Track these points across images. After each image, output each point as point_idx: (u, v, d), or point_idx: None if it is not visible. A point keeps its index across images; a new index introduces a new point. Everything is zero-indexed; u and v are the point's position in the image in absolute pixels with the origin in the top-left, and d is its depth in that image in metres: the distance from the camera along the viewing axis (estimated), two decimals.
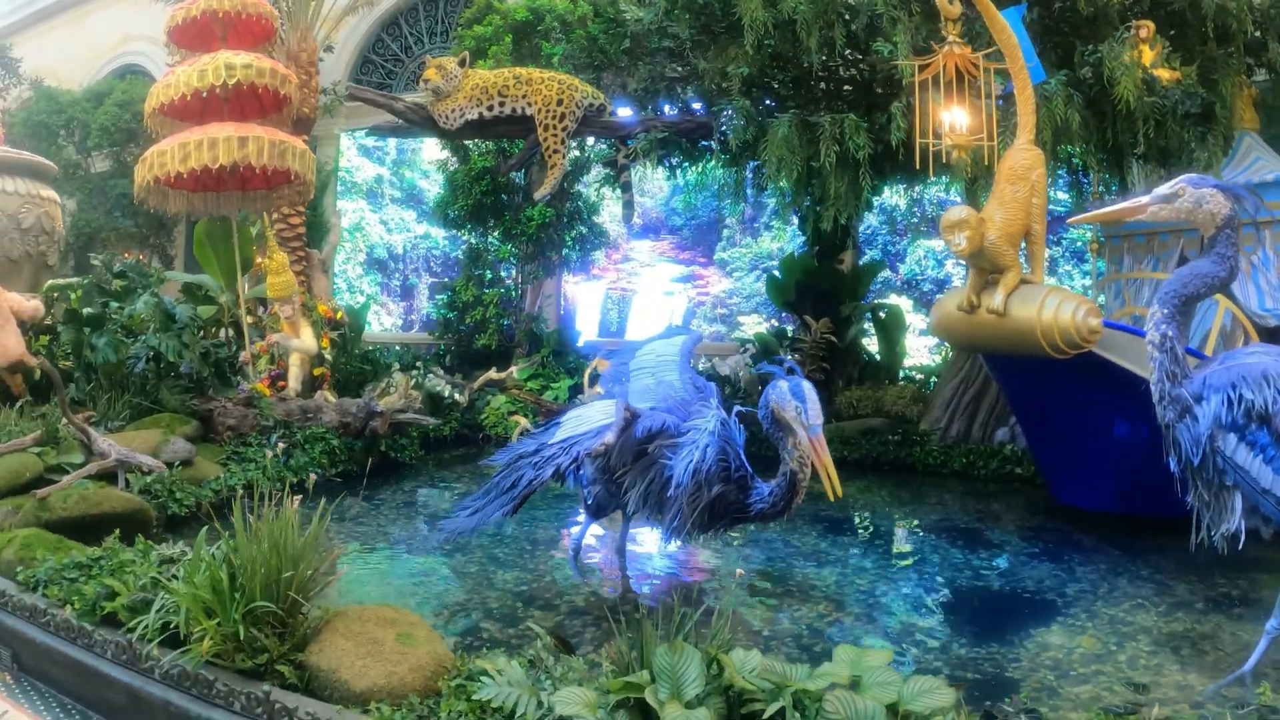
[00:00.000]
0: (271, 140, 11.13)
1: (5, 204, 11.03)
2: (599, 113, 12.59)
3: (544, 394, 13.99)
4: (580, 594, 7.16)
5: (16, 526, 7.27)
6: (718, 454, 6.55)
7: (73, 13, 26.15)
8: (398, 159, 21.60)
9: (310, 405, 11.27)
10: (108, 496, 7.74)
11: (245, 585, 4.95)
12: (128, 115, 18.82)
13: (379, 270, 21.73)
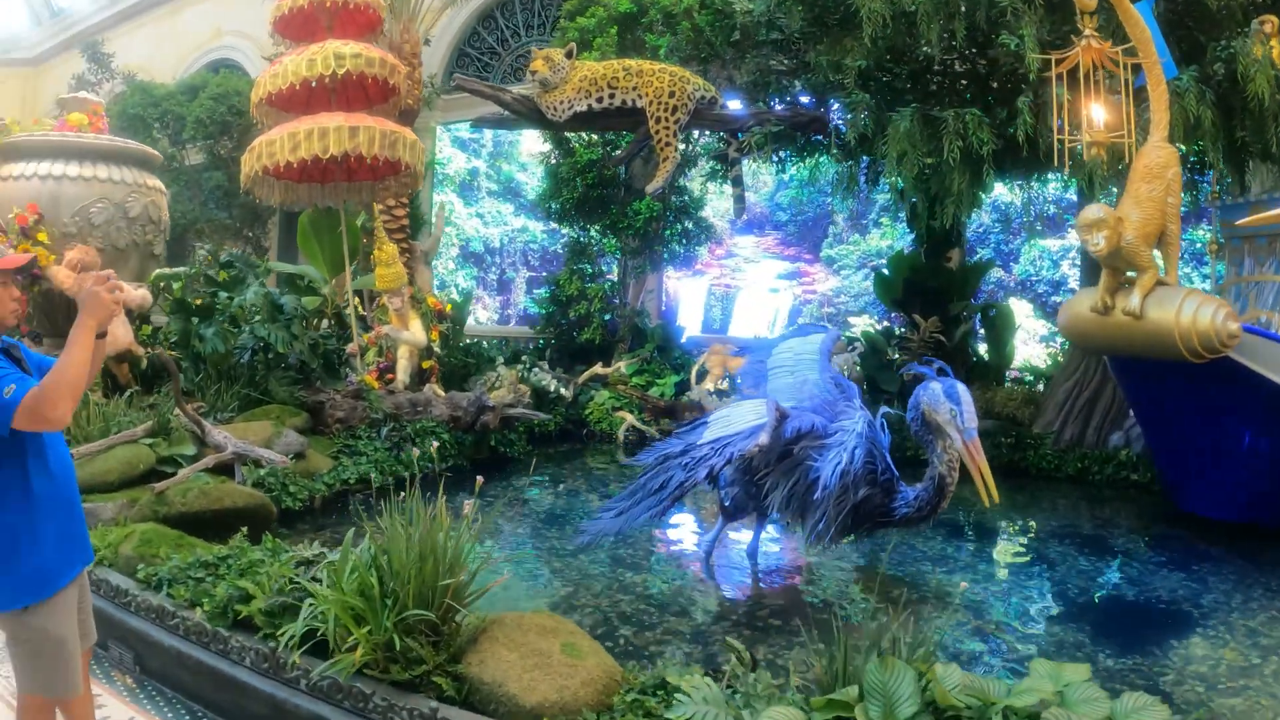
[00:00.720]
0: (382, 130, 10.85)
1: (112, 192, 10.83)
2: (710, 105, 12.18)
3: (649, 390, 13.64)
4: (714, 598, 6.93)
5: (133, 520, 7.02)
6: (865, 456, 6.31)
7: (164, 8, 26.13)
8: (494, 151, 21.33)
9: (420, 398, 10.99)
10: (229, 491, 7.47)
11: (397, 591, 4.64)
12: (223, 108, 18.73)
13: (475, 264, 21.48)
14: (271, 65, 11.40)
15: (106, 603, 5.95)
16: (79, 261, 10.03)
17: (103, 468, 7.68)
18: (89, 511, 7.05)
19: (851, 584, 7.17)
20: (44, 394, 3.30)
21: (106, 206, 10.83)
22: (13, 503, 3.58)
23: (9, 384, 3.32)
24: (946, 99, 10.89)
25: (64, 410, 3.34)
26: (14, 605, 3.59)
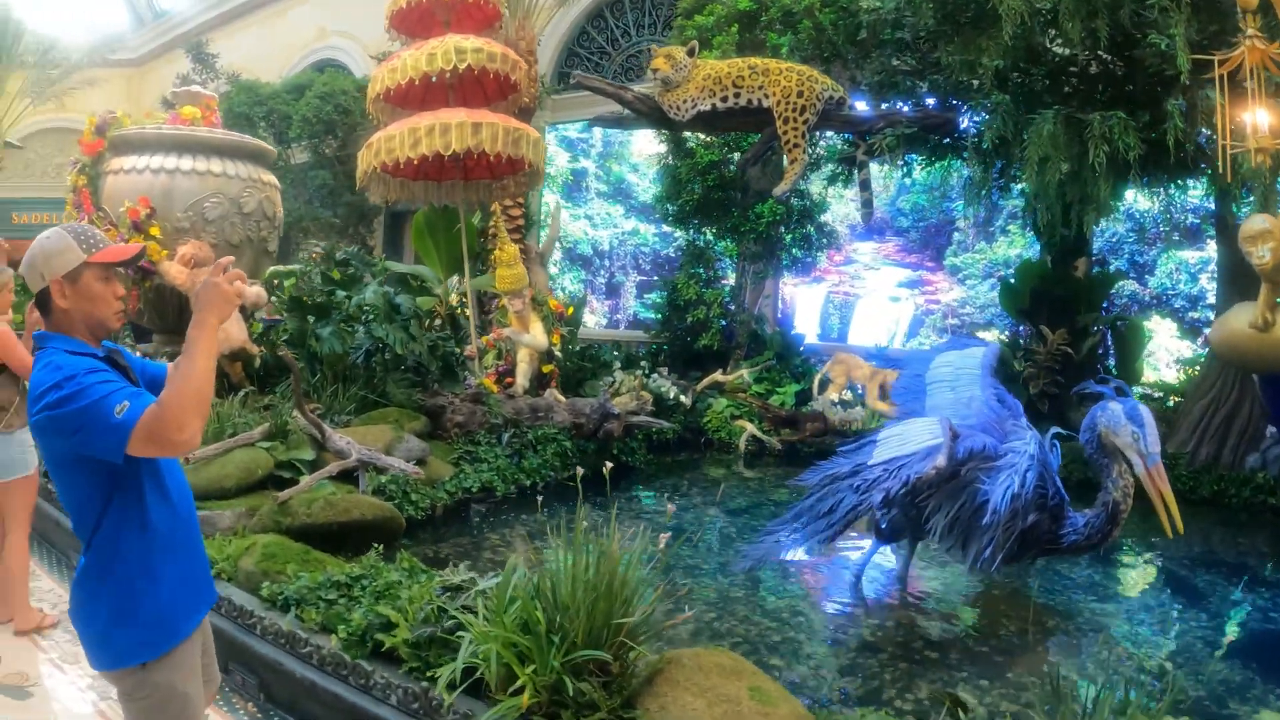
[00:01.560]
0: (506, 127, 10.37)
1: (226, 187, 10.41)
2: (838, 106, 11.61)
3: (769, 399, 13.07)
4: (864, 626, 6.36)
5: (252, 531, 6.56)
6: (1035, 479, 5.87)
7: (268, 9, 26.12)
8: (604, 152, 20.83)
9: (540, 404, 10.51)
10: (356, 503, 6.95)
11: (565, 626, 4.15)
12: (329, 107, 18.49)
13: (582, 266, 20.99)
14: (388, 60, 10.97)
15: (228, 622, 5.48)
16: (192, 257, 9.61)
17: (219, 473, 7.21)
18: (205, 520, 6.60)
19: (1000, 612, 6.62)
20: (165, 412, 2.69)
21: (221, 201, 10.40)
22: (128, 541, 3.01)
23: (119, 401, 2.73)
24: (1084, 101, 10.33)
25: (191, 431, 2.71)
26: (132, 661, 3.03)
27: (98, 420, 2.69)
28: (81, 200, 10.54)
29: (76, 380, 2.73)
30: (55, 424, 2.75)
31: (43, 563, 7.45)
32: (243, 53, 24.72)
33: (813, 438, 11.97)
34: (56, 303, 2.97)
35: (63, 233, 3.01)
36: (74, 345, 2.94)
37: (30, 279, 3.00)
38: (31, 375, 2.87)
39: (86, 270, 2.98)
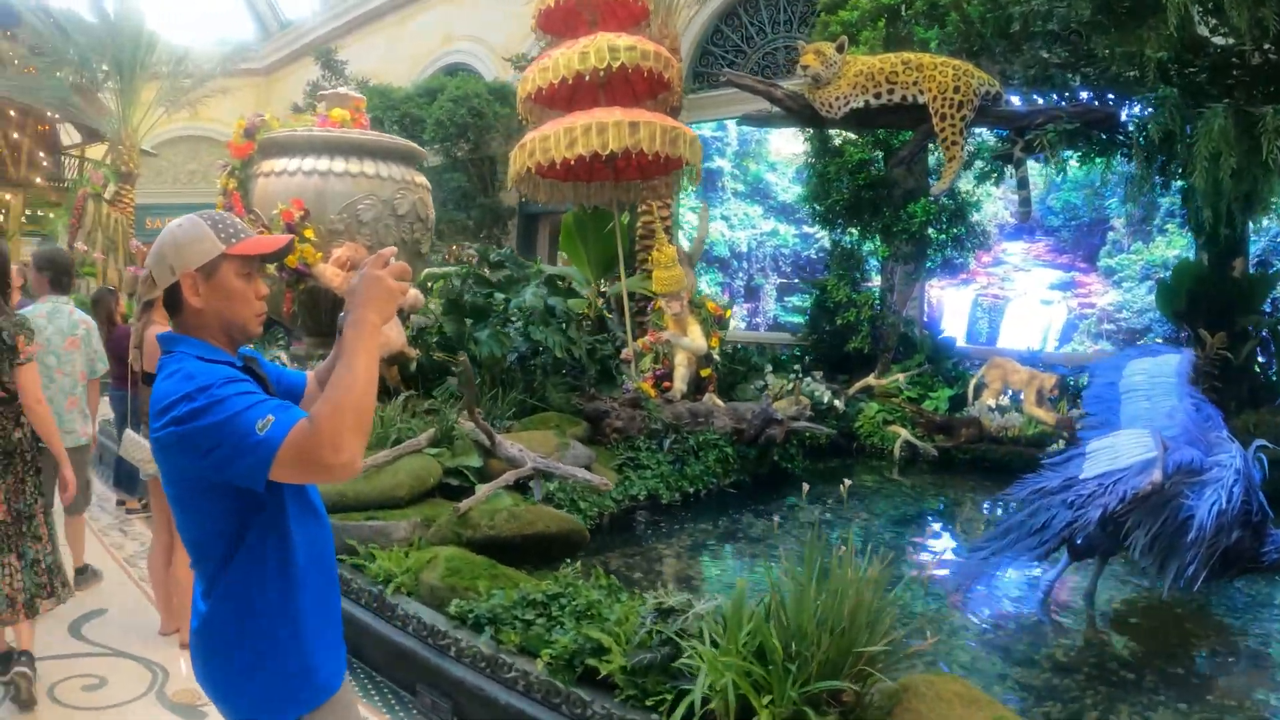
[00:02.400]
0: (663, 125, 10.01)
1: (380, 189, 10.14)
2: (994, 101, 11.08)
3: (922, 403, 12.58)
4: (1054, 644, 5.99)
5: (430, 542, 6.24)
6: (1241, 495, 5.61)
7: (393, 16, 26.25)
8: (740, 151, 20.35)
9: (700, 409, 10.11)
10: (541, 514, 6.58)
11: (803, 654, 3.85)
12: (462, 110, 18.40)
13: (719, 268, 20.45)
14: (538, 60, 10.69)
15: (416, 641, 5.16)
16: (348, 259, 9.38)
17: (392, 481, 6.86)
18: (379, 530, 6.32)
19: (1185, 631, 6.28)
20: (319, 429, 2.17)
21: (374, 203, 10.14)
22: (268, 581, 2.49)
23: (262, 415, 2.22)
24: (1248, 95, 9.81)
25: (350, 453, 2.19)
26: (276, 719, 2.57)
27: (236, 438, 2.21)
28: (233, 203, 10.36)
29: (211, 391, 2.26)
30: (184, 442, 2.27)
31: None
32: (371, 59, 24.85)
33: (967, 444, 11.50)
34: (188, 300, 2.53)
35: (198, 220, 2.56)
36: (207, 350, 2.50)
37: (158, 272, 2.55)
38: (155, 384, 2.42)
39: (225, 263, 2.52)
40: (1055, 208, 16.03)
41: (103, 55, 22.16)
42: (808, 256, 19.01)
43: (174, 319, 2.60)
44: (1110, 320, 15.34)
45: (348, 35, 27.22)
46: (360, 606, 5.62)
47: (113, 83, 22.66)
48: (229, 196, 10.47)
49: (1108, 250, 15.60)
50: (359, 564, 6.00)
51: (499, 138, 19.49)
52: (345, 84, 22.89)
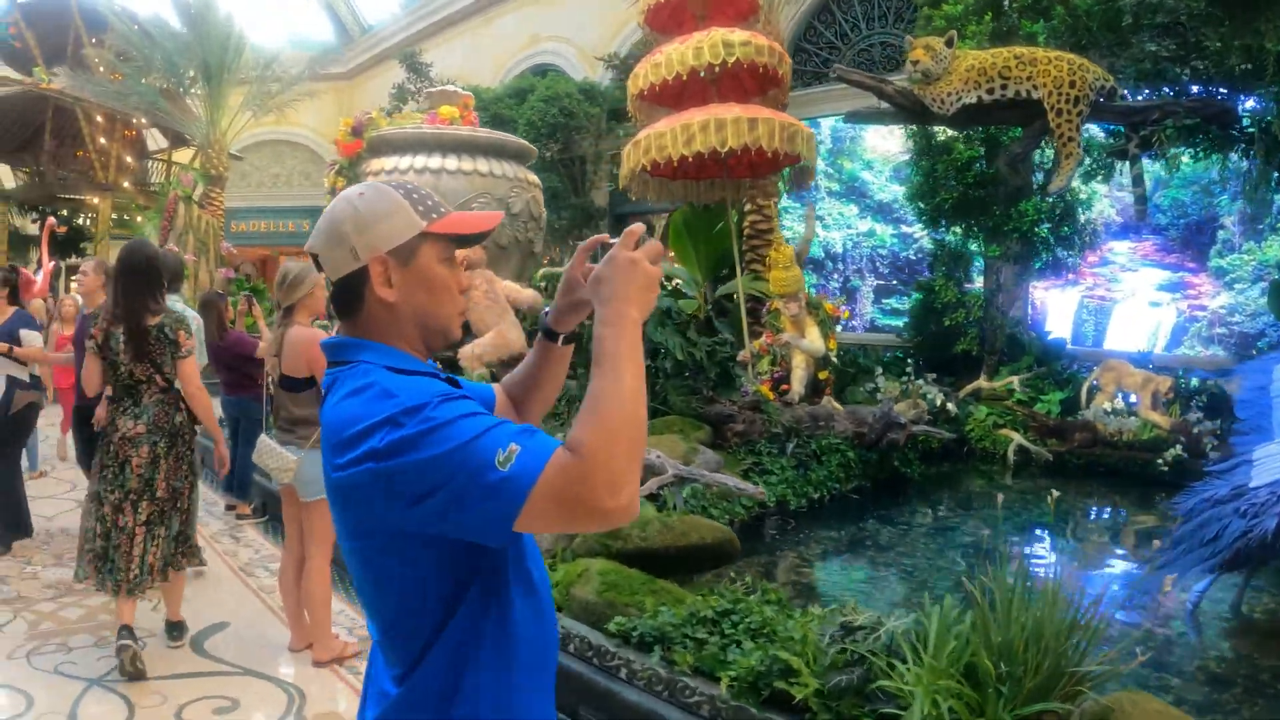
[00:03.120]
0: (781, 122, 9.64)
1: (493, 187, 9.81)
2: (1109, 96, 10.61)
3: (1033, 406, 12.12)
4: (1209, 658, 5.67)
5: (576, 554, 5.89)
6: None
7: (477, 19, 26.00)
8: (833, 149, 19.83)
9: (819, 412, 9.75)
10: (695, 525, 6.24)
11: (1015, 674, 3.59)
12: (553, 110, 18.11)
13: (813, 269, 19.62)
14: (649, 55, 10.33)
15: (580, 663, 4.79)
16: (465, 259, 9.08)
17: None
18: None
19: None
20: (592, 461, 1.59)
21: (488, 202, 9.80)
22: (481, 661, 1.86)
23: (503, 443, 1.62)
24: None
25: (632, 490, 1.63)
26: None
27: (467, 477, 1.60)
28: None
29: (425, 413, 1.66)
30: (387, 482, 1.66)
31: (336, 586, 6.97)
32: (454, 61, 24.68)
33: (1081, 449, 11.01)
34: (376, 292, 1.92)
35: (386, 190, 1.98)
36: (400, 359, 1.91)
37: (333, 257, 1.94)
38: (332, 406, 1.85)
39: (425, 244, 1.95)
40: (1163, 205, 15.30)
41: (190, 60, 22.07)
42: (906, 257, 18.48)
43: (348, 320, 2.00)
44: (1222, 324, 14.69)
45: (430, 38, 27.04)
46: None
47: (199, 87, 22.58)
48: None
49: (1218, 250, 14.97)
50: None
51: (589, 138, 19.21)
52: (431, 86, 22.75)
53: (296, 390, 5.40)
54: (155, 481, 5.55)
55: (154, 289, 5.58)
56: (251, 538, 8.55)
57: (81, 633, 6.12)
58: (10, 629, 6.20)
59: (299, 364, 5.33)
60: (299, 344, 5.35)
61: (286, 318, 5.47)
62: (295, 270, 5.49)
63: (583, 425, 1.65)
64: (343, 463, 1.74)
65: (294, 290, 5.43)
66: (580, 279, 2.17)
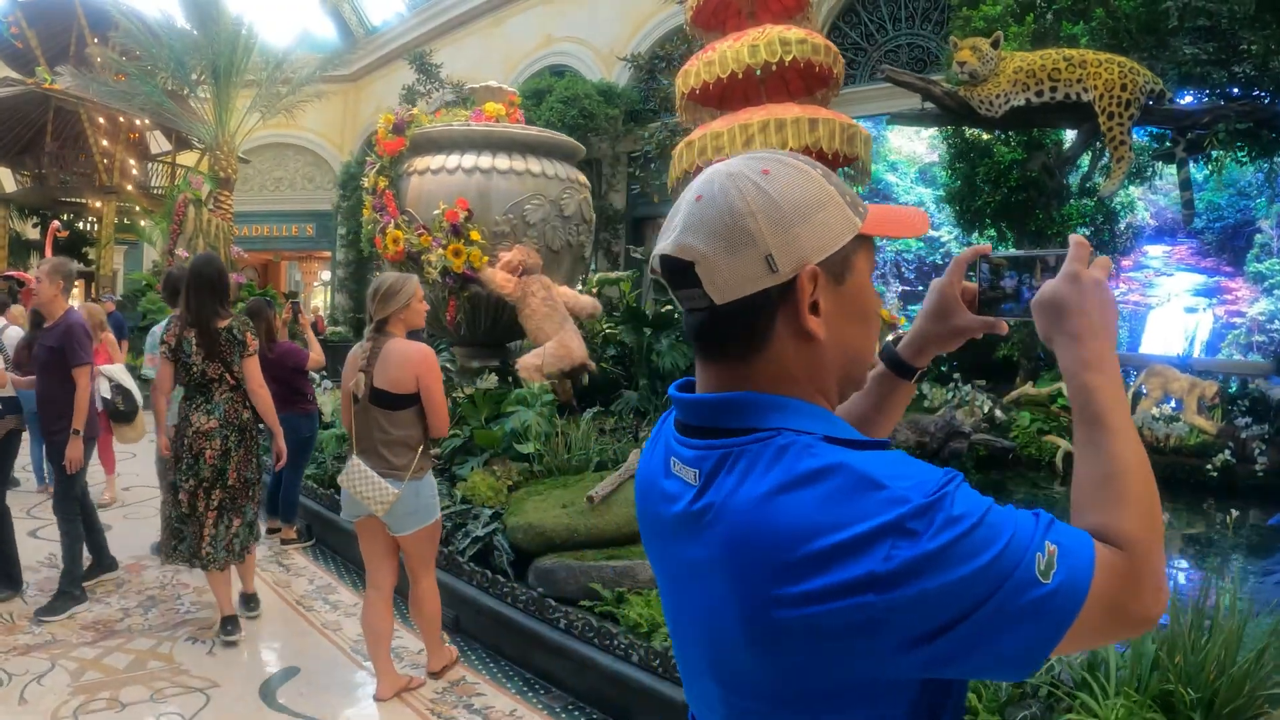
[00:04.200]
0: (841, 124, 9.16)
1: (546, 188, 9.17)
2: (1159, 100, 10.26)
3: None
4: None
5: None
6: None
7: (488, 19, 25.36)
8: None
9: None
10: None
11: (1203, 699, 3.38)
12: (573, 111, 17.51)
13: None
14: (701, 53, 9.83)
15: None
16: (519, 263, 8.51)
17: (626, 513, 5.85)
18: (624, 571, 5.43)
19: None
20: (1141, 560, 1.18)
21: (542, 203, 9.16)
22: None
23: (1040, 543, 1.13)
24: None
25: (1167, 587, 1.23)
26: None
27: (1007, 598, 1.10)
28: (385, 202, 9.42)
29: (944, 512, 1.12)
30: (891, 617, 1.11)
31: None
32: (464, 62, 24.02)
33: None
34: (801, 322, 1.29)
35: (804, 168, 1.32)
36: (833, 425, 1.29)
37: (727, 267, 1.26)
38: (741, 498, 1.21)
39: (860, 252, 1.35)
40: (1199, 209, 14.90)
41: (198, 59, 21.41)
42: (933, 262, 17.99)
43: (729, 360, 1.34)
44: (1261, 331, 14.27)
45: (438, 39, 26.30)
46: (634, 665, 4.76)
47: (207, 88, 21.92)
48: (381, 196, 9.52)
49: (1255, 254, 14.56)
50: (607, 609, 5.19)
51: (607, 139, 18.71)
52: (441, 88, 22.20)
53: (396, 408, 4.84)
54: (227, 472, 5.93)
55: (222, 296, 6.00)
56: (302, 565, 7.80)
57: (132, 683, 5.33)
58: (51, 681, 5.34)
59: (404, 378, 4.79)
60: (406, 358, 4.82)
61: (379, 332, 4.93)
62: (391, 280, 4.97)
63: (1117, 511, 1.23)
64: (808, 593, 1.13)
65: (389, 301, 4.89)
66: (957, 300, 1.65)
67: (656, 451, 1.50)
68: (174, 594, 6.83)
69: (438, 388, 4.90)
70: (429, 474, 5.02)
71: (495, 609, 5.63)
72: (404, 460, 4.86)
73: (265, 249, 31.49)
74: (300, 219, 31.64)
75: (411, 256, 9.04)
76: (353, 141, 30.58)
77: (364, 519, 4.96)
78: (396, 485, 4.77)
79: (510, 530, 5.99)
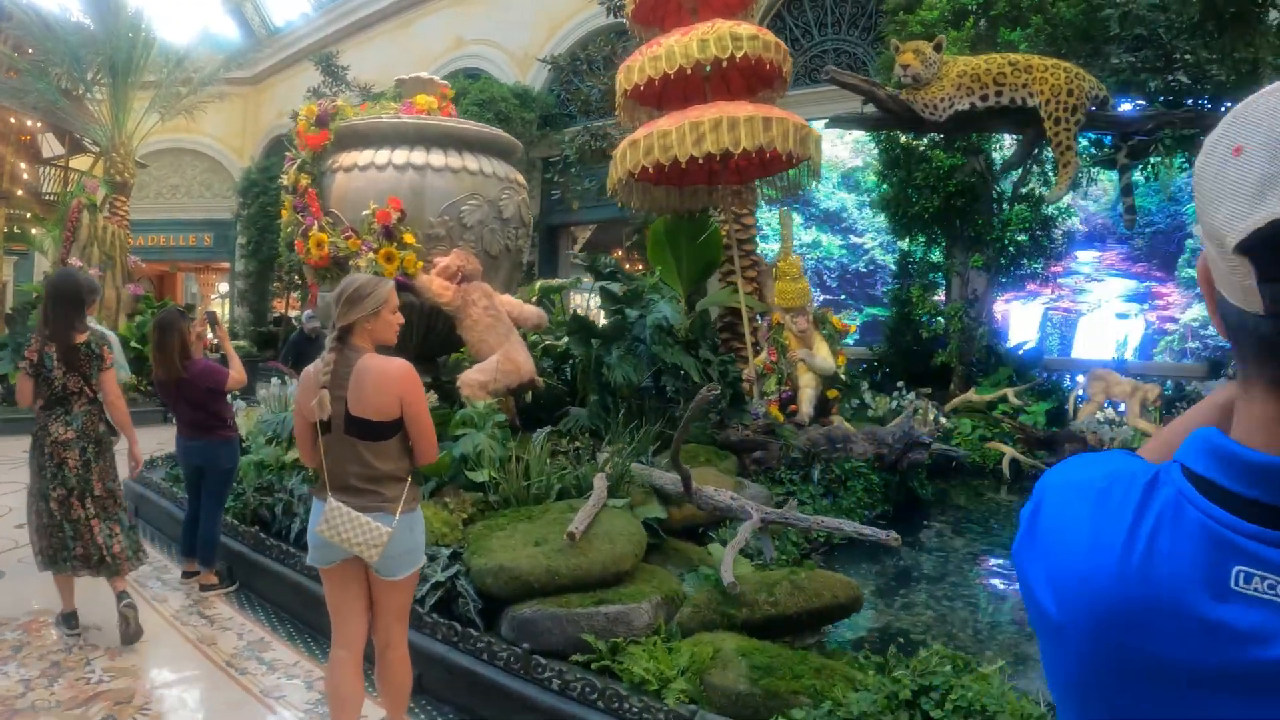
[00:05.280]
0: (795, 124, 8.56)
1: (484, 187, 8.14)
2: (1102, 105, 9.88)
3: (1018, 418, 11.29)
4: None
5: (689, 627, 4.67)
6: None
7: (394, 20, 24.36)
8: None
9: (836, 433, 8.64)
10: (828, 583, 4.96)
11: None
12: (489, 115, 16.51)
13: None
14: (646, 48, 9.17)
15: None
16: (458, 269, 7.64)
17: (611, 551, 5.05)
18: (619, 618, 4.66)
19: None
20: None
21: (480, 204, 8.12)
22: None
23: None
24: None
25: None
26: None
27: None
28: (308, 202, 8.43)
29: None
30: None
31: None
32: (371, 64, 23.08)
33: None
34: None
35: None
36: None
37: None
38: None
39: None
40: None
41: (95, 55, 20.10)
42: (856, 269, 17.47)
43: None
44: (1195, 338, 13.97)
45: (344, 40, 25.26)
46: None
47: (104, 87, 20.64)
48: (303, 195, 8.51)
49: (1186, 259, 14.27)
50: (605, 664, 4.40)
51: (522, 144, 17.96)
52: (347, 90, 21.28)
53: (380, 438, 3.93)
54: (91, 482, 5.90)
55: (79, 311, 6.01)
56: (227, 616, 6.40)
57: None
58: None
59: (386, 402, 3.89)
60: (386, 377, 3.91)
61: (341, 343, 3.98)
62: (360, 282, 4.05)
63: None
64: None
65: (354, 307, 3.97)
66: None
67: (1166, 551, 0.92)
68: (83, 659, 5.57)
69: (425, 411, 4.01)
70: (419, 507, 4.11)
71: (469, 668, 4.70)
72: (394, 492, 3.96)
73: (161, 259, 29.95)
74: (198, 228, 30.28)
75: (338, 262, 8.04)
76: (253, 146, 29.41)
77: (337, 565, 4.00)
78: (387, 522, 3.88)
79: (476, 573, 5.06)
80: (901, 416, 9.28)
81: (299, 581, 6.17)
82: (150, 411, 15.78)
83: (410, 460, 4.05)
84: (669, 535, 6.08)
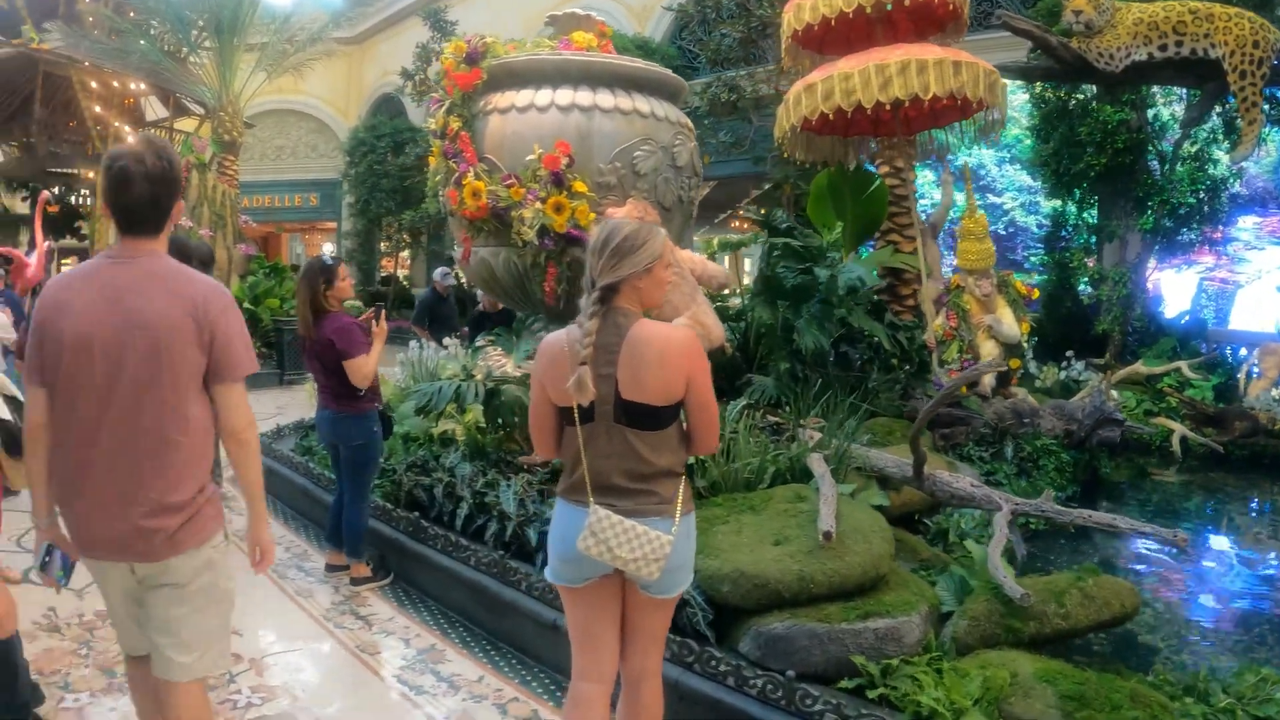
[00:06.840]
0: (985, 69, 7.63)
1: (657, 132, 7.27)
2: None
3: (1184, 392, 10.36)
4: None
5: (966, 642, 3.81)
6: None
7: None
8: None
9: (1023, 407, 7.77)
10: (1116, 591, 4.09)
11: None
12: None
13: None
14: None
15: None
16: (639, 220, 6.77)
17: (867, 552, 4.06)
18: (889, 634, 3.76)
19: None
20: None
21: (653, 150, 7.23)
22: None
23: None
24: None
25: None
26: None
27: None
28: (461, 147, 7.63)
29: None
30: None
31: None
32: (477, 20, 22.02)
33: (1241, 438, 9.25)
34: None
35: None
36: None
37: None
38: None
39: None
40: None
41: (199, 14, 19.42)
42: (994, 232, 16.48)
43: None
44: None
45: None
46: None
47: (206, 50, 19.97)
48: (454, 139, 7.68)
49: None
50: (882, 693, 3.50)
51: None
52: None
53: (659, 426, 2.96)
54: None
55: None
56: (385, 615, 5.42)
57: None
58: None
59: (671, 383, 2.92)
60: (670, 351, 2.92)
61: (603, 304, 2.97)
62: (630, 230, 3.01)
63: None
64: None
65: (625, 259, 2.97)
66: None
67: None
68: (223, 675, 4.43)
69: (712, 391, 3.04)
70: (694, 508, 3.15)
71: (711, 695, 3.75)
72: (670, 491, 2.99)
73: (267, 220, 29.52)
74: (304, 188, 29.85)
75: (497, 214, 7.19)
76: (358, 107, 28.89)
77: (593, 583, 3.05)
78: (665, 529, 2.93)
79: (707, 579, 4.06)
80: (1089, 389, 8.44)
81: (476, 580, 5.10)
82: (265, 374, 15.06)
83: (686, 451, 3.09)
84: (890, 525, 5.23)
